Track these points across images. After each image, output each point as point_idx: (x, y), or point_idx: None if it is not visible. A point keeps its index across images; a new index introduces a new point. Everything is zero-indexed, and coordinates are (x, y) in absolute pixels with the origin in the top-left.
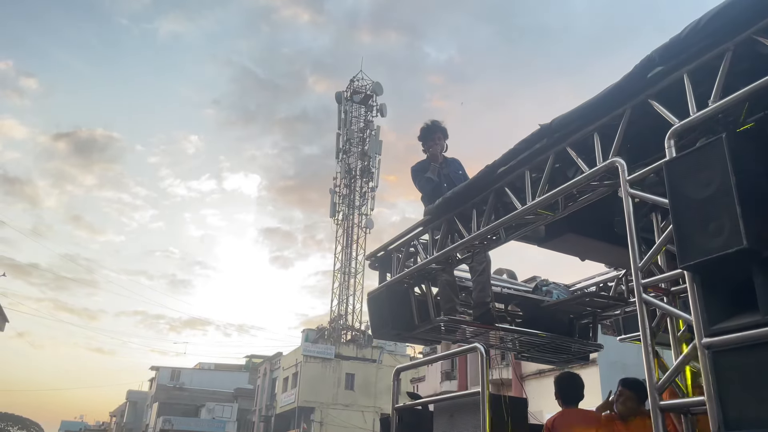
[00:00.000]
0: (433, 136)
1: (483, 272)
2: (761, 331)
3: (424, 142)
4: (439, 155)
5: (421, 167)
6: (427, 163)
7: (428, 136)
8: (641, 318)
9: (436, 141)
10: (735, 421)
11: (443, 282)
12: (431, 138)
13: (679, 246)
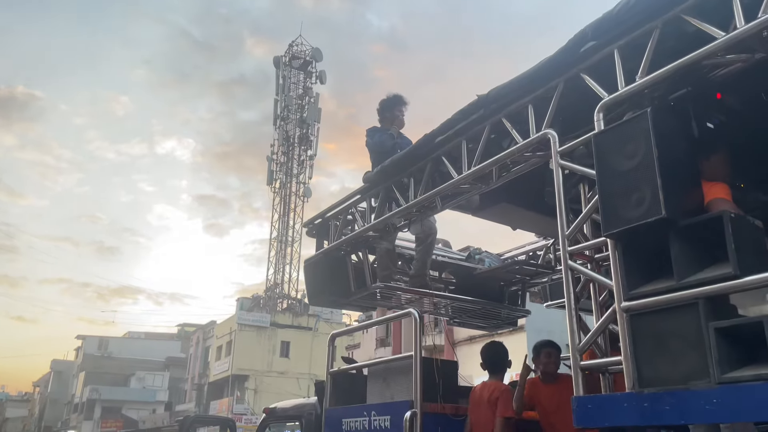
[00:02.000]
0: (400, 107)
1: (429, 243)
2: (674, 296)
3: (387, 110)
4: (401, 125)
5: (380, 128)
6: (385, 129)
7: (394, 105)
8: (566, 283)
9: (401, 111)
10: (647, 380)
11: (382, 250)
12: (397, 107)
13: (604, 215)
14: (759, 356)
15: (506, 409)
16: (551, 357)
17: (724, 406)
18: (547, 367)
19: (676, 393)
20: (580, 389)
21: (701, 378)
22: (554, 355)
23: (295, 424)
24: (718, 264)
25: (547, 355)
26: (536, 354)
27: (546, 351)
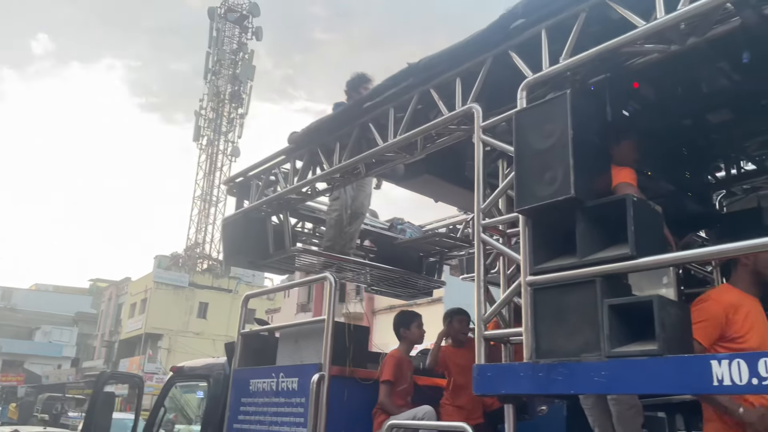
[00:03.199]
0: (366, 84)
1: (362, 221)
2: (575, 273)
3: (353, 89)
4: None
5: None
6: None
7: (360, 83)
8: (477, 255)
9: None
10: (544, 351)
11: (332, 220)
12: (363, 85)
13: (517, 191)
14: (646, 333)
15: (384, 374)
16: (462, 324)
17: (612, 378)
18: (457, 333)
19: (569, 365)
20: (482, 357)
21: (593, 351)
22: (465, 321)
23: (202, 384)
24: (618, 245)
25: (459, 321)
26: (449, 320)
27: (458, 318)
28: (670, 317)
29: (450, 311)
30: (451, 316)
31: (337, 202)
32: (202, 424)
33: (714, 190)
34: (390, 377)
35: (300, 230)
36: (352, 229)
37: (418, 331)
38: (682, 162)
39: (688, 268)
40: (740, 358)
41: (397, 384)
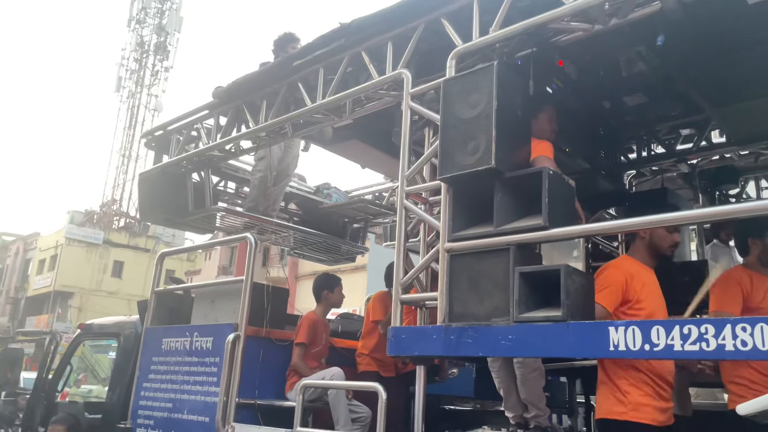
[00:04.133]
0: (294, 44)
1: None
2: (490, 241)
3: (281, 48)
4: None
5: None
6: None
7: (287, 42)
8: (399, 221)
9: (293, 48)
10: (456, 315)
11: (256, 180)
12: (290, 44)
13: (441, 160)
14: (553, 301)
15: (299, 336)
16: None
17: (518, 342)
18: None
19: (479, 328)
20: (397, 320)
21: (502, 316)
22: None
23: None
24: (532, 215)
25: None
26: (387, 282)
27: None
28: (575, 285)
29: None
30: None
31: (261, 162)
32: (110, 383)
33: (625, 170)
34: (304, 339)
35: (222, 189)
36: (277, 191)
37: (340, 295)
38: (598, 141)
39: (596, 243)
40: (635, 325)
41: (311, 346)
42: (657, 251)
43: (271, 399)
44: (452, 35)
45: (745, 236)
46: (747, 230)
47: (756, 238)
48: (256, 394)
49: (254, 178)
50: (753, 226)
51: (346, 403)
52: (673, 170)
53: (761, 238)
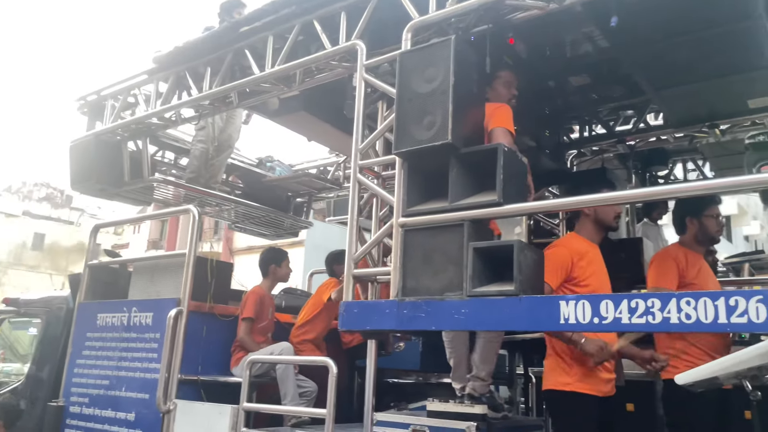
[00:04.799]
0: (239, 9)
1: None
2: (445, 216)
3: (226, 13)
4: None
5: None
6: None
7: (233, 7)
8: (352, 195)
9: (239, 13)
10: (410, 290)
11: (197, 151)
12: (236, 10)
13: (396, 134)
14: (505, 275)
15: (245, 311)
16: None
17: (471, 315)
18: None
19: (432, 303)
20: (349, 295)
21: (455, 291)
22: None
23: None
24: (487, 191)
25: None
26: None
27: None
28: (527, 261)
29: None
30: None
31: (203, 132)
32: (38, 360)
33: (567, 150)
34: (251, 314)
35: (160, 160)
36: (218, 163)
37: (287, 270)
38: (543, 121)
39: (537, 220)
40: (585, 299)
41: (257, 321)
42: (603, 225)
43: (214, 375)
44: (408, 7)
45: (682, 215)
46: (685, 210)
47: (693, 218)
48: (199, 370)
49: (195, 149)
50: (690, 206)
51: (295, 378)
52: (612, 151)
53: (698, 218)
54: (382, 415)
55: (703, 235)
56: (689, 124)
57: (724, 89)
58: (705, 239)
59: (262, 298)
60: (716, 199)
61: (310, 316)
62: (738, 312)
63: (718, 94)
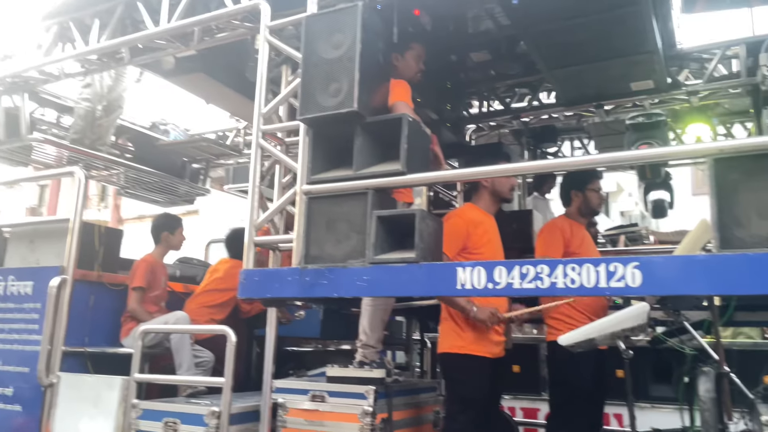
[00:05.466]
0: None
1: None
2: (349, 184)
3: None
4: None
5: None
6: None
7: None
8: (254, 160)
9: None
10: (313, 257)
11: (82, 110)
12: None
13: (302, 100)
14: (407, 243)
15: (135, 279)
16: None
17: (373, 282)
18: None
19: (335, 270)
20: (249, 262)
21: (358, 258)
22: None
23: None
24: (391, 161)
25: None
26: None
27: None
28: (428, 229)
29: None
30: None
31: (89, 90)
32: None
33: (467, 124)
34: (142, 283)
35: (40, 118)
36: (107, 123)
37: (181, 237)
38: (445, 94)
39: (437, 191)
40: (480, 266)
41: (149, 290)
42: (499, 196)
43: (103, 346)
44: None
45: (568, 189)
46: (570, 184)
47: (577, 191)
48: (86, 341)
49: (79, 108)
50: (575, 181)
51: (191, 348)
52: (508, 127)
53: (581, 191)
54: (281, 382)
55: (586, 207)
56: (578, 103)
57: (610, 71)
58: (587, 211)
59: (154, 266)
60: (598, 174)
61: (221, 300)
62: (617, 277)
63: (604, 75)
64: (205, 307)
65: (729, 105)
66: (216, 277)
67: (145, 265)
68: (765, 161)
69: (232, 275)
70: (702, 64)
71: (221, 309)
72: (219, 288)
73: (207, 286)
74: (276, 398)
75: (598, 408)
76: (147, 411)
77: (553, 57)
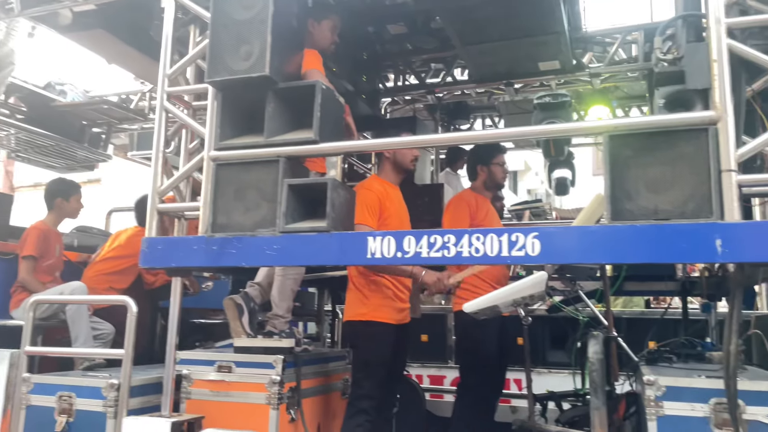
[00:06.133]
0: None
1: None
2: (260, 151)
3: None
4: None
5: None
6: None
7: None
8: (158, 124)
9: None
10: (220, 226)
11: None
12: None
13: (210, 62)
14: (318, 212)
15: (26, 248)
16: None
17: (283, 251)
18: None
19: (244, 239)
20: (153, 230)
21: (268, 227)
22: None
23: None
24: (303, 129)
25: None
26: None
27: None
28: (339, 199)
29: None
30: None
31: None
32: None
33: (382, 97)
34: (33, 252)
35: None
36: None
37: (77, 205)
38: (361, 66)
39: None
40: (390, 235)
41: (42, 259)
42: (401, 167)
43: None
44: None
45: (474, 163)
46: (476, 158)
47: (483, 165)
48: None
49: None
50: (481, 155)
51: (88, 320)
52: (423, 101)
53: (486, 165)
54: (186, 353)
55: (491, 181)
56: (489, 80)
57: (520, 50)
58: (492, 185)
59: (46, 234)
60: (502, 149)
61: (122, 267)
62: (518, 246)
63: (514, 54)
64: (104, 274)
65: (627, 89)
66: (118, 244)
67: (37, 233)
68: (654, 139)
69: (135, 242)
70: (604, 47)
71: (122, 277)
72: (120, 255)
73: (107, 253)
74: (180, 370)
75: (501, 372)
76: (39, 385)
77: (466, 33)
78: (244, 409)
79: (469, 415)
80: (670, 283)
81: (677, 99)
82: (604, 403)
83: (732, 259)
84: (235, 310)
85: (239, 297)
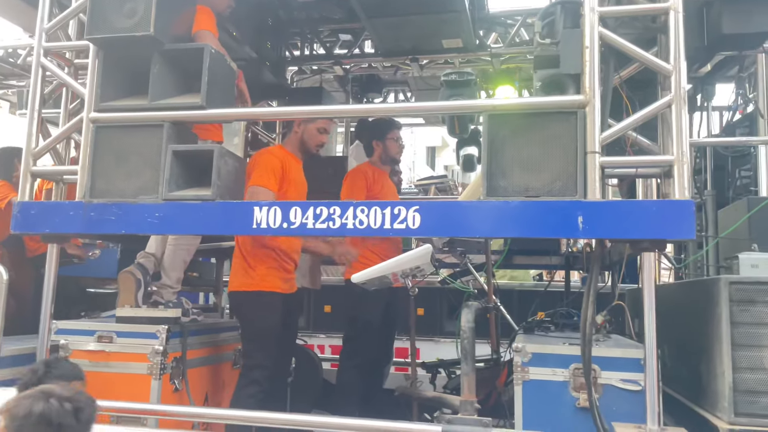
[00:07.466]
0: None
1: None
2: (143, 115)
3: None
4: None
5: None
6: None
7: None
8: (34, 82)
9: None
10: (99, 191)
11: None
12: None
13: (90, 17)
14: (203, 181)
15: None
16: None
17: (166, 219)
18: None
19: (124, 205)
20: (26, 194)
21: (150, 194)
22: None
23: None
24: (191, 93)
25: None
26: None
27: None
28: (227, 167)
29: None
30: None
31: None
32: None
33: (288, 66)
34: None
35: None
36: None
37: None
38: (266, 32)
39: (256, 132)
40: (276, 205)
41: None
42: (306, 147)
43: None
44: None
45: (370, 139)
46: (371, 134)
47: (378, 140)
48: None
49: None
50: (376, 131)
51: None
52: (331, 72)
53: (382, 140)
54: (65, 323)
55: (386, 156)
56: (395, 55)
57: (425, 27)
58: (387, 159)
59: None
60: (396, 125)
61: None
62: (399, 219)
63: (419, 30)
64: None
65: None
66: None
67: None
68: (529, 120)
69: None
70: (507, 29)
71: None
72: None
73: None
74: (58, 340)
75: (388, 342)
76: None
77: (370, 5)
78: (125, 380)
79: (351, 382)
80: (555, 258)
81: (553, 82)
82: (473, 369)
83: (591, 235)
84: (134, 284)
85: (137, 270)
